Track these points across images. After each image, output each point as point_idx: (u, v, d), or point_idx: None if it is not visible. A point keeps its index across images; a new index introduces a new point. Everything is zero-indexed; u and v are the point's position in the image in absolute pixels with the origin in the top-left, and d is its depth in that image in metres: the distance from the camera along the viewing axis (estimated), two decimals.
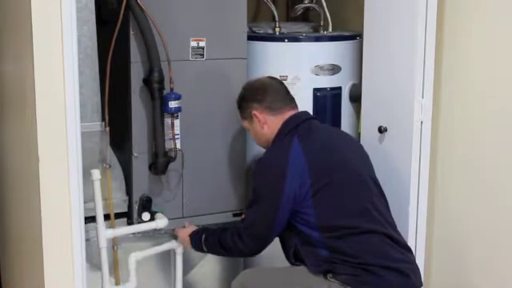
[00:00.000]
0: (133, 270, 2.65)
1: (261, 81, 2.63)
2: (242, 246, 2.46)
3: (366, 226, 2.38)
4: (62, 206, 2.21)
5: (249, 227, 2.45)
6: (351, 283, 2.33)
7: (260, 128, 2.55)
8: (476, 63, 2.65)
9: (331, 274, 2.36)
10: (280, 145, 2.48)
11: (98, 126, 2.58)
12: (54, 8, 2.11)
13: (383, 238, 2.40)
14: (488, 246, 2.67)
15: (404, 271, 2.38)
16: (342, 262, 2.35)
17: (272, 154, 2.49)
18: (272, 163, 2.44)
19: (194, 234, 2.63)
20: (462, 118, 2.72)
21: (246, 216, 2.50)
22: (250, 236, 2.45)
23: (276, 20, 3.13)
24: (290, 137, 2.46)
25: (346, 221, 2.38)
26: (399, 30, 2.71)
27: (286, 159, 2.38)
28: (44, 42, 2.12)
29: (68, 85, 2.15)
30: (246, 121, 2.60)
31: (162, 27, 2.63)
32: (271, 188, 2.39)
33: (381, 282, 2.34)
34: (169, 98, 2.66)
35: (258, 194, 2.44)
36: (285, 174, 2.36)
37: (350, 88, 3.06)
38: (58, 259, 2.24)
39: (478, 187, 2.68)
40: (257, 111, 2.53)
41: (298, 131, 2.47)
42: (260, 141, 2.61)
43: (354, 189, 2.44)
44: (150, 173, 2.74)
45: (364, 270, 2.33)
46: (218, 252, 2.60)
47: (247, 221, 2.47)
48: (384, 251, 2.39)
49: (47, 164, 2.17)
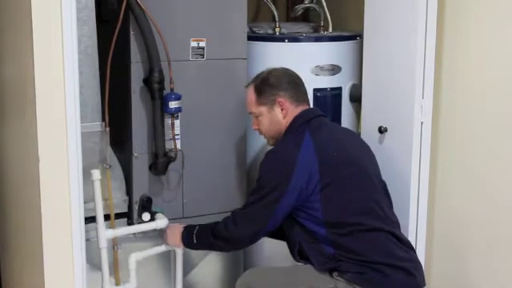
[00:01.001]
0: (133, 270, 2.65)
1: (287, 70, 2.62)
2: (234, 231, 2.43)
3: (372, 223, 2.38)
4: (62, 206, 2.21)
5: (247, 211, 2.43)
6: (357, 281, 2.32)
7: (281, 116, 2.53)
8: (476, 64, 2.65)
9: (337, 273, 2.35)
10: (291, 138, 2.47)
11: (98, 126, 2.58)
12: (54, 8, 2.11)
13: (388, 236, 2.40)
14: (488, 246, 2.67)
15: (409, 270, 2.38)
16: (348, 260, 2.34)
17: (284, 147, 2.48)
18: (283, 156, 2.43)
19: (187, 227, 2.61)
20: (463, 119, 2.72)
21: (247, 201, 2.48)
22: (246, 220, 2.42)
23: (276, 20, 3.13)
24: (301, 131, 2.46)
25: (353, 218, 2.38)
26: (399, 30, 2.71)
27: (296, 154, 2.38)
28: (44, 41, 2.12)
29: (68, 85, 2.15)
30: (265, 107, 2.55)
31: (162, 27, 2.63)
32: (278, 180, 2.37)
33: (387, 281, 2.34)
34: (169, 98, 2.66)
35: (263, 183, 2.41)
36: (293, 169, 2.35)
37: (350, 88, 3.06)
38: (58, 259, 2.24)
39: (478, 187, 2.68)
40: (282, 99, 2.53)
41: (310, 126, 2.48)
42: (272, 130, 2.57)
43: (361, 187, 2.44)
44: (150, 173, 2.74)
45: (370, 268, 2.33)
46: (207, 242, 2.53)
47: (247, 205, 2.46)
48: (389, 249, 2.39)
49: (47, 164, 2.17)
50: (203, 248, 2.65)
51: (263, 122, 2.57)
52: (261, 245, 3.05)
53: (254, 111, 2.59)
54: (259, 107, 2.56)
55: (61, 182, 2.20)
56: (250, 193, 2.52)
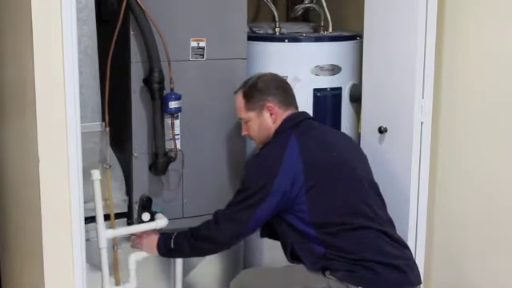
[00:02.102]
0: (133, 270, 2.65)
1: (274, 75, 2.66)
2: (215, 229, 2.46)
3: (361, 222, 2.40)
4: (62, 206, 2.21)
5: (229, 211, 2.46)
6: (349, 279, 2.34)
7: (270, 121, 2.56)
8: (476, 63, 2.65)
9: (329, 271, 2.37)
10: (277, 141, 2.50)
11: (98, 126, 2.58)
12: (54, 8, 2.11)
13: (379, 234, 2.41)
14: (488, 247, 2.67)
15: (401, 267, 2.38)
16: (339, 259, 2.35)
17: (268, 151, 2.52)
18: (266, 159, 2.47)
19: (164, 233, 2.62)
20: (463, 119, 2.72)
21: (230, 201, 2.50)
22: (228, 220, 2.45)
23: (276, 20, 3.13)
24: (288, 134, 2.48)
25: (339, 218, 2.39)
26: (399, 30, 2.71)
27: (280, 157, 2.41)
28: (44, 41, 2.12)
29: (68, 85, 2.15)
30: (254, 112, 2.58)
31: (162, 27, 2.62)
32: (262, 181, 2.40)
33: (378, 278, 2.34)
34: (169, 98, 2.66)
35: (247, 185, 2.45)
36: (277, 171, 2.38)
37: (350, 88, 3.06)
38: (58, 259, 2.24)
39: (478, 188, 2.68)
40: (271, 104, 2.55)
41: (297, 129, 2.50)
42: (261, 135, 2.60)
43: (348, 188, 2.45)
44: (150, 173, 2.74)
45: (361, 266, 2.34)
46: (186, 245, 2.53)
47: (230, 205, 2.48)
48: (380, 247, 2.40)
49: (47, 164, 2.17)
50: (180, 254, 2.65)
51: (253, 128, 2.61)
52: (261, 245, 3.06)
53: (243, 117, 2.62)
54: (248, 113, 2.60)
55: (61, 183, 2.20)
56: (234, 193, 2.54)
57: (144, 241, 2.67)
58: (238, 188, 2.51)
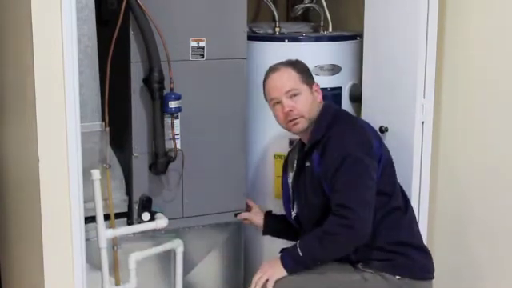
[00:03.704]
0: (133, 270, 2.65)
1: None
2: (353, 215, 2.25)
3: (397, 203, 2.46)
4: (62, 206, 2.21)
5: (357, 193, 2.29)
6: (385, 269, 2.35)
7: (319, 100, 2.56)
8: (478, 63, 2.65)
9: (361, 264, 2.37)
10: (346, 120, 2.52)
11: (98, 126, 2.58)
12: (54, 8, 2.11)
13: (411, 216, 2.51)
14: (489, 247, 2.67)
15: (427, 249, 2.48)
16: (371, 250, 2.35)
17: (348, 125, 2.48)
18: (356, 130, 2.45)
19: (282, 249, 2.43)
20: (464, 119, 2.72)
21: (343, 186, 2.31)
22: (361, 202, 2.28)
23: (276, 20, 3.13)
24: (345, 113, 2.59)
25: (388, 195, 2.44)
26: (400, 30, 2.71)
27: (364, 127, 2.48)
28: (44, 41, 2.12)
29: (68, 85, 2.15)
30: (307, 86, 2.52)
31: (162, 27, 2.62)
32: (367, 157, 2.35)
33: (413, 265, 2.38)
34: (169, 98, 2.65)
35: (355, 160, 2.32)
36: (370, 138, 2.43)
37: (350, 88, 3.06)
38: (57, 259, 2.24)
39: (480, 188, 2.68)
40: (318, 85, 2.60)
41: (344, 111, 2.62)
42: (312, 111, 2.49)
43: (392, 168, 2.52)
44: (150, 173, 2.74)
45: (396, 253, 2.36)
46: (318, 246, 2.31)
47: (350, 188, 2.30)
48: (412, 229, 2.49)
49: (47, 164, 2.17)
50: (314, 258, 2.35)
51: (303, 102, 2.49)
52: (261, 245, 3.06)
53: (296, 88, 2.49)
54: (302, 85, 2.52)
55: (61, 182, 2.20)
56: (341, 186, 2.31)
57: (267, 269, 2.38)
58: (344, 181, 2.31)
